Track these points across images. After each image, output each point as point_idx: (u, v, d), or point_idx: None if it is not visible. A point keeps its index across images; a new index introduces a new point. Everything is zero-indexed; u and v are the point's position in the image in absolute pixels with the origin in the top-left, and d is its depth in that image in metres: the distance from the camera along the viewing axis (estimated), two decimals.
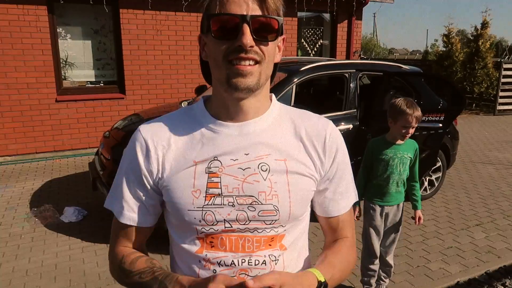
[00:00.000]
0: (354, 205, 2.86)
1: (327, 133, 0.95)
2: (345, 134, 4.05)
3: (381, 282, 2.90)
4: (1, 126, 6.07)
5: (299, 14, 8.14)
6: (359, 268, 3.01)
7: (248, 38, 0.80)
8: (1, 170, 5.71)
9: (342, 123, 4.07)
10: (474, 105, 12.09)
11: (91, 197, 4.58)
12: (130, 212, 0.93)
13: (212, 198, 0.87)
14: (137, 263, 0.92)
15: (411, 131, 2.60)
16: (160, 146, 0.91)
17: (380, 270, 2.88)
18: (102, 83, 6.82)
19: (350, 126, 4.10)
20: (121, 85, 6.82)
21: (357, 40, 8.91)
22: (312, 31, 8.79)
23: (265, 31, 0.83)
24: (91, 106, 6.60)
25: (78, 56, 6.60)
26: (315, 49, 8.91)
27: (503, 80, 11.15)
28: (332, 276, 0.90)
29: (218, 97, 0.91)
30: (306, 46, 8.79)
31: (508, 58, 18.98)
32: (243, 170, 0.88)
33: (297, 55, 8.34)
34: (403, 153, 2.66)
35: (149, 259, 0.93)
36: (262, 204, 0.87)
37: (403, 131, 2.58)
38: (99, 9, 6.40)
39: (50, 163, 6.09)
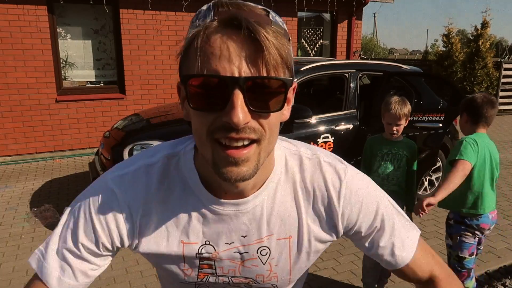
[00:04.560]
0: None
1: (340, 194, 0.76)
2: (345, 134, 4.06)
3: (380, 281, 2.90)
4: (1, 126, 6.07)
5: (299, 14, 8.15)
6: (359, 268, 3.01)
7: (241, 113, 0.57)
8: (1, 170, 5.71)
9: (342, 123, 4.07)
10: None
11: None
12: (71, 279, 0.73)
13: (206, 276, 0.79)
14: None
15: (397, 128, 2.64)
16: (137, 213, 0.74)
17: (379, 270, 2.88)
18: (102, 83, 6.83)
19: (350, 126, 4.10)
20: (121, 85, 6.82)
21: (357, 40, 8.91)
22: (312, 31, 8.79)
23: (266, 97, 0.60)
24: (91, 106, 6.60)
25: (78, 56, 6.60)
26: (315, 49, 8.91)
27: (503, 80, 11.15)
28: None
29: (207, 169, 0.70)
30: (306, 46, 8.79)
31: (508, 58, 18.98)
32: (240, 254, 0.76)
33: (297, 55, 8.34)
34: (398, 150, 2.68)
35: None
36: (259, 284, 0.81)
37: (388, 127, 2.65)
38: (99, 9, 6.40)
39: (50, 163, 6.09)
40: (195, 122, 0.63)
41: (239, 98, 0.57)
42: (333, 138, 3.96)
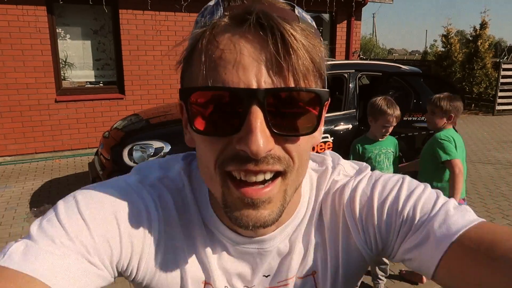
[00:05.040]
0: None
1: (345, 203, 0.61)
2: (345, 134, 4.06)
3: (379, 281, 2.90)
4: (0, 127, 6.07)
5: None
6: None
7: (261, 138, 0.43)
8: (0, 170, 5.71)
9: (342, 123, 4.08)
10: (473, 105, 12.11)
11: None
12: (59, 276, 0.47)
13: None
14: None
15: (390, 129, 2.74)
16: (166, 232, 0.58)
17: (377, 268, 2.88)
18: (101, 83, 6.83)
19: (350, 126, 4.11)
20: (120, 86, 6.82)
21: (356, 41, 8.92)
22: None
23: (294, 116, 0.46)
24: (91, 107, 6.60)
25: (78, 56, 6.60)
26: None
27: (502, 80, 11.17)
28: None
29: (218, 206, 0.55)
30: None
31: (507, 58, 19.02)
32: None
33: None
34: (387, 148, 2.78)
35: None
36: None
37: (383, 130, 2.71)
38: (99, 9, 6.40)
39: (50, 163, 6.09)
40: (200, 149, 0.50)
41: (258, 117, 0.43)
42: (332, 138, 3.96)
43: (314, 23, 0.52)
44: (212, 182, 0.49)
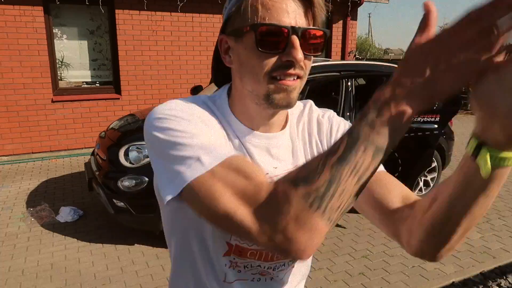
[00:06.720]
0: None
1: (327, 122, 0.93)
2: None
3: None
4: None
5: None
6: (354, 268, 3.02)
7: (300, 53, 0.71)
8: None
9: None
10: (469, 105, 12.17)
11: (86, 197, 4.58)
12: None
13: None
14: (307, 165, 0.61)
15: None
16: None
17: None
18: (98, 83, 6.82)
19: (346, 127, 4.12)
20: (116, 86, 6.82)
21: (352, 40, 8.94)
22: None
23: (312, 43, 0.75)
24: (87, 107, 6.59)
25: (74, 56, 6.59)
26: None
27: None
28: None
29: (244, 106, 0.81)
30: None
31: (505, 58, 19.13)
32: None
33: None
34: None
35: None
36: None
37: None
38: (95, 9, 6.39)
39: (46, 163, 6.08)
40: (254, 64, 0.73)
41: (298, 42, 0.71)
42: None
43: None
44: (259, 84, 0.74)
